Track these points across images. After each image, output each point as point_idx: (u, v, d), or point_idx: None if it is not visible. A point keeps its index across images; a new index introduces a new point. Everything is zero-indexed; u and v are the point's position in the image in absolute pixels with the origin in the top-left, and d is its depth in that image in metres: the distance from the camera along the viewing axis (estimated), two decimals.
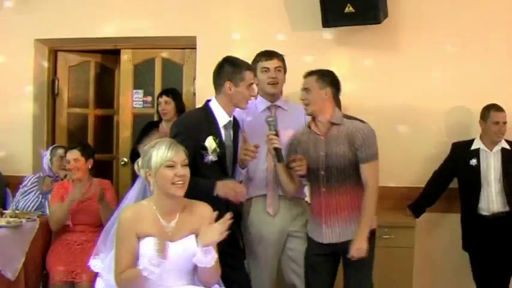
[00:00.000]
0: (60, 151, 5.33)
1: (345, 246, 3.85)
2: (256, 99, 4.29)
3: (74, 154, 4.96)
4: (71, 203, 4.79)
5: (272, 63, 4.22)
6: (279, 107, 4.26)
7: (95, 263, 3.38)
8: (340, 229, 3.89)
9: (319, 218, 3.96)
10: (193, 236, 3.18)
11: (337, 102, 4.06)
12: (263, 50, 4.38)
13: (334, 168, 3.88)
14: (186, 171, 3.15)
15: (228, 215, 3.15)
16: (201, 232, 3.10)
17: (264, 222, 4.16)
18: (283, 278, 4.32)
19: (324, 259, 3.99)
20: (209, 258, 3.05)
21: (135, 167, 3.29)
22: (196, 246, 3.12)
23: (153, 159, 3.12)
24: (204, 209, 3.27)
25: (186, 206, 3.23)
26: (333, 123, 3.92)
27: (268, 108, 4.25)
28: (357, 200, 3.88)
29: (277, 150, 3.92)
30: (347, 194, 3.89)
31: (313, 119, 3.99)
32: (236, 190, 3.75)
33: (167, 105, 5.52)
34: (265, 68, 4.22)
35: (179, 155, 3.15)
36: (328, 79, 3.96)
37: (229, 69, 3.84)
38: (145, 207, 3.19)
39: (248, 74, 3.85)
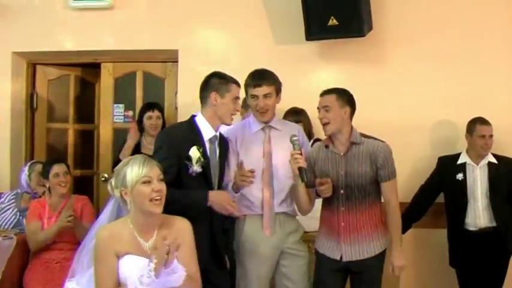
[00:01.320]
0: (39, 167, 5.27)
1: (360, 263, 3.91)
2: (248, 116, 4.32)
3: (63, 167, 4.97)
4: (58, 228, 4.76)
5: (261, 91, 4.07)
6: (273, 127, 4.22)
7: (71, 286, 3.31)
8: (360, 247, 3.92)
9: (336, 236, 3.97)
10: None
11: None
12: (255, 69, 4.21)
13: (354, 187, 3.91)
14: (163, 186, 3.13)
15: (166, 242, 2.99)
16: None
17: (258, 239, 4.13)
18: None
19: (336, 275, 4.03)
20: (176, 277, 2.98)
21: (108, 187, 3.24)
22: (176, 262, 3.07)
23: (128, 176, 3.09)
24: (181, 224, 3.25)
25: (163, 223, 3.20)
26: (353, 143, 3.95)
27: (262, 129, 4.20)
28: (375, 217, 3.96)
29: (301, 170, 3.85)
30: (367, 212, 3.93)
31: (330, 137, 4.00)
32: (229, 203, 3.77)
33: (158, 121, 5.50)
34: (254, 95, 4.10)
35: (154, 170, 3.12)
36: (347, 98, 3.98)
37: (216, 81, 3.90)
38: (122, 226, 3.15)
39: (234, 88, 3.91)
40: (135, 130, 5.42)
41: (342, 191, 3.94)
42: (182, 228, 3.23)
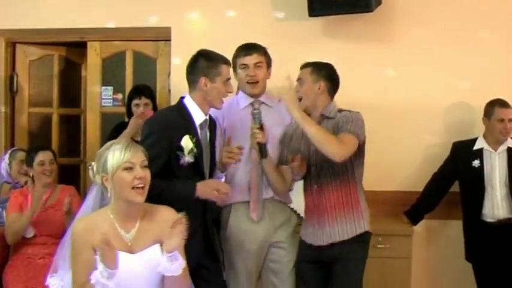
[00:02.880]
0: (20, 154, 5.25)
1: (333, 251, 3.84)
2: (237, 94, 4.30)
3: (49, 155, 4.94)
4: (30, 214, 4.69)
5: (251, 59, 4.13)
6: (263, 102, 4.21)
7: (53, 282, 3.27)
8: (331, 229, 3.88)
9: (311, 217, 3.98)
10: (157, 246, 3.10)
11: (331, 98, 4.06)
12: (243, 43, 4.29)
13: (325, 164, 3.87)
14: (146, 173, 3.07)
15: (182, 217, 3.04)
16: (164, 238, 3.03)
17: (244, 231, 4.12)
18: None
19: (313, 267, 3.98)
20: (176, 265, 2.98)
21: (90, 173, 3.19)
22: (160, 255, 3.06)
23: (109, 161, 3.03)
24: (165, 213, 3.19)
25: (146, 212, 3.16)
26: (324, 117, 3.92)
27: (251, 104, 4.20)
28: (349, 198, 3.89)
29: (260, 145, 3.90)
30: (340, 191, 3.89)
31: (308, 114, 3.96)
32: (219, 189, 3.72)
33: (146, 108, 5.39)
34: (244, 64, 4.14)
35: (138, 156, 3.07)
36: (324, 72, 3.99)
37: (204, 63, 3.82)
38: (101, 217, 3.12)
39: (225, 69, 3.84)
40: (136, 123, 5.21)
41: (313, 169, 3.93)
42: (168, 219, 3.13)
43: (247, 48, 4.18)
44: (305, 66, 4.02)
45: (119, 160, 3.01)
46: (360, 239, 3.88)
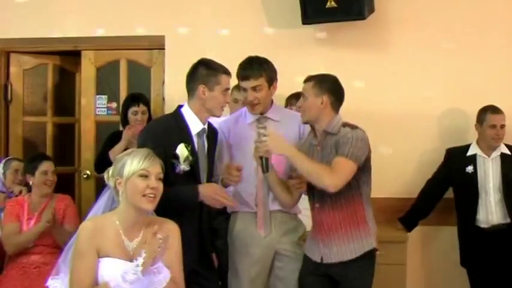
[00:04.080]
0: (14, 164, 5.23)
1: (342, 270, 3.79)
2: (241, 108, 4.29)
3: (52, 165, 4.94)
4: (39, 229, 4.68)
5: (248, 84, 4.03)
6: (269, 118, 4.14)
7: (55, 284, 3.26)
8: (339, 248, 3.80)
9: (315, 235, 3.91)
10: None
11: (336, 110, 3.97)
12: (247, 58, 4.14)
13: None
14: (160, 185, 3.12)
15: (158, 236, 3.03)
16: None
17: (249, 238, 4.09)
18: None
19: (319, 280, 3.91)
20: (160, 278, 3.00)
21: (105, 175, 3.23)
22: (162, 264, 3.08)
23: (127, 166, 3.10)
24: (169, 227, 3.22)
25: (151, 224, 3.17)
26: (327, 133, 3.84)
27: (258, 120, 4.12)
28: (355, 217, 3.80)
29: (262, 160, 3.84)
30: (344, 209, 3.79)
31: (313, 128, 3.94)
32: (220, 197, 3.70)
33: (144, 116, 5.42)
34: (243, 88, 4.09)
35: (155, 167, 3.13)
36: (327, 85, 3.86)
37: (203, 72, 3.79)
38: (107, 221, 3.14)
39: (224, 78, 3.80)
40: (133, 133, 5.24)
41: (316, 187, 3.84)
42: (170, 231, 3.18)
43: (244, 70, 4.06)
44: (308, 80, 3.90)
45: (136, 166, 3.08)
46: (366, 256, 3.80)
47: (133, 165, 3.09)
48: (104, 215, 3.26)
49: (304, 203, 4.13)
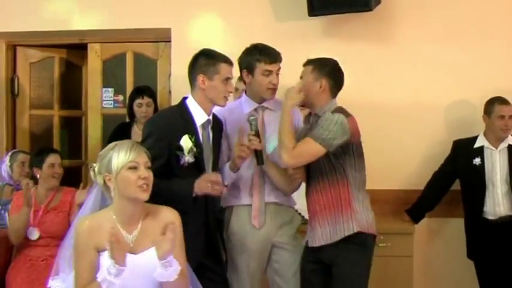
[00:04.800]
0: (21, 156, 5.25)
1: (330, 254, 3.80)
2: (240, 97, 4.26)
3: (59, 158, 4.92)
4: (26, 210, 4.67)
5: (275, 67, 4.02)
6: (267, 108, 4.15)
7: (56, 284, 3.27)
8: (322, 230, 3.83)
9: (309, 221, 3.97)
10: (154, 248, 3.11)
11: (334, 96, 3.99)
12: (259, 44, 4.12)
13: (313, 165, 3.84)
14: (150, 174, 3.08)
15: (172, 226, 3.04)
16: (156, 243, 3.03)
17: (246, 231, 4.08)
18: None
19: (316, 268, 3.93)
20: (170, 271, 2.97)
21: (91, 173, 3.19)
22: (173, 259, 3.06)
23: (114, 161, 3.04)
24: (167, 214, 3.20)
25: (149, 213, 3.16)
26: (317, 116, 3.87)
27: (255, 109, 4.13)
28: (339, 199, 3.80)
29: (257, 152, 3.88)
30: (327, 193, 3.82)
31: (310, 112, 3.96)
32: (211, 179, 3.67)
33: (149, 108, 5.45)
34: (268, 71, 4.01)
35: (142, 157, 3.08)
36: (326, 70, 3.89)
37: (202, 61, 3.79)
38: (103, 218, 3.11)
39: (224, 67, 3.78)
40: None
41: (309, 171, 3.90)
42: (168, 219, 3.16)
43: (271, 55, 4.04)
44: (307, 63, 3.96)
45: (123, 160, 3.02)
46: (353, 241, 3.77)
47: (121, 159, 3.04)
48: (98, 212, 3.22)
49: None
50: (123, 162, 3.03)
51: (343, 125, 3.72)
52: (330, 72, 3.90)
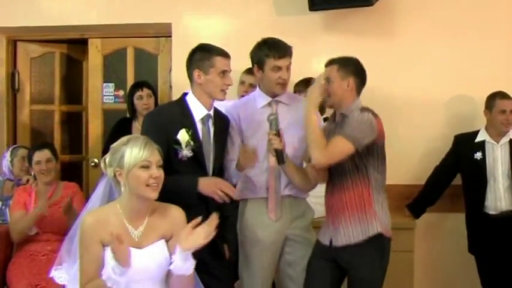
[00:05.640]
0: (21, 151, 5.27)
1: (348, 256, 3.78)
2: (247, 91, 4.32)
3: (46, 154, 4.92)
4: (36, 214, 4.71)
5: (284, 62, 3.99)
6: (280, 102, 4.12)
7: (59, 275, 3.29)
8: (345, 230, 3.80)
9: (327, 219, 3.94)
10: (163, 241, 3.13)
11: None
12: (269, 38, 4.09)
13: (336, 164, 3.79)
14: (161, 173, 3.09)
15: (215, 215, 3.09)
16: (180, 236, 3.02)
17: (259, 224, 4.07)
18: (278, 283, 4.27)
19: (326, 265, 3.90)
20: (188, 265, 2.99)
21: (101, 164, 3.19)
22: (166, 251, 3.09)
23: (126, 158, 3.04)
24: (175, 212, 3.21)
25: (155, 209, 3.17)
26: (343, 116, 3.83)
27: (269, 104, 4.10)
28: (361, 200, 3.79)
29: (277, 152, 3.84)
30: (351, 191, 3.79)
31: (334, 113, 3.95)
32: (223, 189, 3.67)
33: (150, 99, 5.46)
34: (278, 67, 3.98)
35: (154, 155, 3.08)
36: (351, 68, 3.87)
37: (198, 56, 3.78)
38: (110, 211, 3.12)
39: (219, 60, 3.76)
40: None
41: (330, 169, 3.87)
42: (175, 217, 3.19)
43: (281, 50, 4.02)
44: (331, 63, 3.89)
45: (136, 158, 3.02)
46: (373, 244, 3.75)
47: (133, 157, 3.03)
48: (104, 206, 3.23)
49: (315, 190, 4.15)
50: (135, 160, 3.03)
51: (372, 125, 3.71)
52: (355, 70, 3.87)
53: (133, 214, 3.11)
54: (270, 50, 4.00)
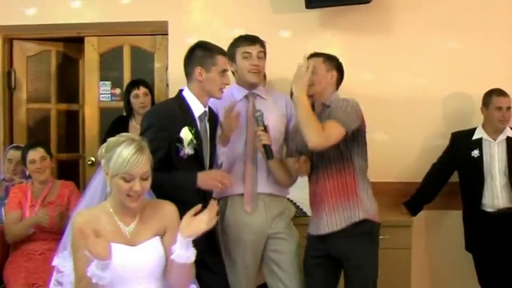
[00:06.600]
0: (10, 154, 5.29)
1: (338, 246, 3.80)
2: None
3: (39, 152, 4.91)
4: (34, 223, 4.73)
5: (255, 49, 4.06)
6: (258, 95, 4.17)
7: (62, 263, 3.22)
8: (328, 218, 3.83)
9: (312, 207, 3.99)
10: (157, 239, 3.09)
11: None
12: (243, 34, 4.25)
13: (320, 152, 3.83)
14: (145, 185, 3.01)
15: (214, 202, 3.07)
16: (181, 223, 2.99)
17: (241, 222, 4.09)
18: (268, 282, 4.24)
19: (320, 262, 3.93)
20: (189, 253, 2.95)
21: (98, 152, 3.09)
22: (161, 249, 3.07)
23: (112, 163, 2.96)
24: (167, 208, 3.18)
25: (146, 206, 3.14)
26: (325, 106, 3.90)
27: (246, 97, 4.15)
28: (345, 187, 3.82)
29: (266, 147, 3.89)
30: (333, 180, 3.83)
31: (312, 104, 3.95)
32: (222, 182, 3.71)
33: (146, 98, 5.45)
34: (247, 53, 4.06)
35: (140, 167, 2.97)
36: (335, 63, 4.00)
37: (199, 53, 3.78)
38: (100, 210, 3.09)
39: (221, 59, 3.78)
40: None
41: (313, 158, 3.91)
42: (167, 212, 3.16)
43: (250, 39, 4.12)
44: (316, 55, 3.97)
45: (120, 168, 2.93)
46: (361, 230, 3.78)
47: (118, 165, 2.95)
48: (94, 206, 3.17)
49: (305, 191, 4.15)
50: (118, 170, 2.95)
51: (357, 109, 3.80)
52: (338, 66, 4.02)
53: (123, 212, 3.08)
54: (240, 40, 4.14)
